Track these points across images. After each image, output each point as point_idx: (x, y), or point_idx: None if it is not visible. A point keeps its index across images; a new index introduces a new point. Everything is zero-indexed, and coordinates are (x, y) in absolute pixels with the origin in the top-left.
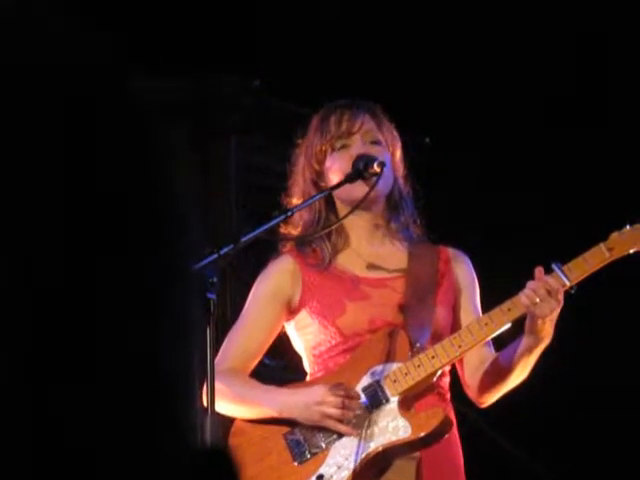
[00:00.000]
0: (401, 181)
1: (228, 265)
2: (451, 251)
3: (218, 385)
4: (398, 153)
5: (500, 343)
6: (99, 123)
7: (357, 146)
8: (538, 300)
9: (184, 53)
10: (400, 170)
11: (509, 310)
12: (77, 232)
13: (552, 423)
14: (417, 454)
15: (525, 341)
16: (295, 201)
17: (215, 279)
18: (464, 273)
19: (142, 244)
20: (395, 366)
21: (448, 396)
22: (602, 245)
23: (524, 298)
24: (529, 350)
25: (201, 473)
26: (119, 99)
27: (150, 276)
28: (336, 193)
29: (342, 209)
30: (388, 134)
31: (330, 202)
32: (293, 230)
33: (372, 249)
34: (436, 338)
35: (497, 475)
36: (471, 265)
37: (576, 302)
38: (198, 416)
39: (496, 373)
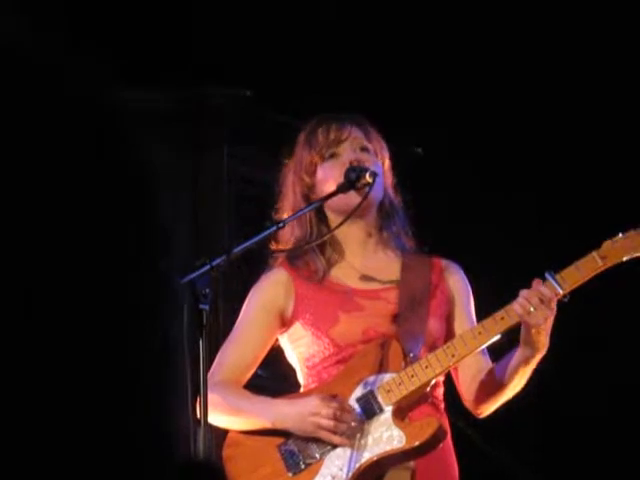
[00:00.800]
0: (390, 190)
1: (220, 276)
2: (444, 262)
3: (212, 397)
4: (387, 162)
5: (497, 352)
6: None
7: (347, 153)
8: (532, 309)
9: (175, 64)
10: (389, 179)
11: (502, 319)
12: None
13: (547, 431)
14: (412, 464)
15: (520, 352)
16: (285, 216)
17: (208, 290)
18: (457, 284)
19: (125, 259)
20: (389, 376)
21: (442, 406)
22: (595, 253)
23: (517, 307)
24: (525, 361)
25: None
26: (101, 112)
27: (134, 291)
28: (328, 204)
29: (334, 219)
30: (376, 143)
31: (321, 214)
32: (284, 246)
33: (365, 260)
34: (430, 348)
35: None
36: (464, 276)
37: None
38: (188, 428)
39: (492, 384)
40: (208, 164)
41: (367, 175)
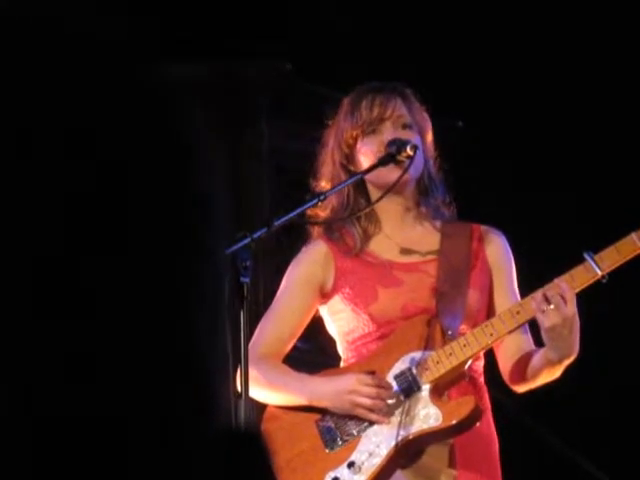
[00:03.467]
0: (432, 164)
1: (261, 249)
2: (484, 228)
3: (251, 371)
4: (429, 136)
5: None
6: (119, 108)
7: (389, 132)
8: (546, 307)
9: (217, 37)
10: (431, 153)
11: None
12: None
13: (590, 411)
14: (450, 440)
15: (544, 354)
16: (323, 184)
17: (248, 263)
18: (497, 252)
19: (167, 228)
20: (427, 354)
21: (482, 380)
22: (634, 234)
23: (533, 303)
24: (550, 364)
25: (231, 454)
26: (139, 83)
27: (177, 259)
28: (367, 177)
29: (374, 193)
30: (419, 117)
31: (360, 186)
32: (321, 213)
33: (404, 233)
34: (470, 323)
35: (534, 463)
36: (506, 243)
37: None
38: (231, 400)
39: (526, 369)
40: (248, 137)
41: (408, 148)
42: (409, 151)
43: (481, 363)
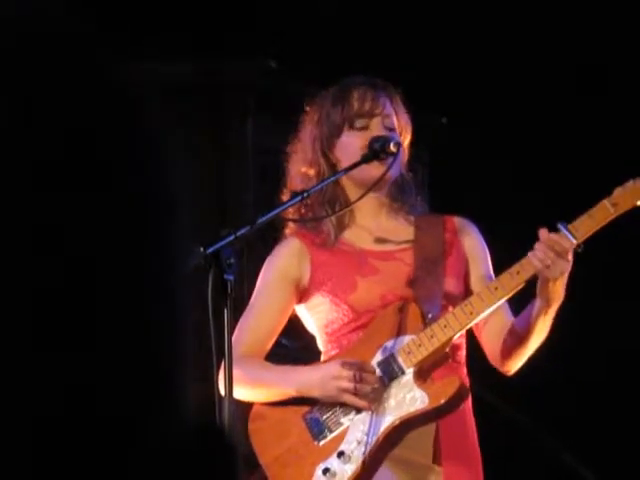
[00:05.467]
0: (406, 166)
1: (245, 246)
2: (457, 220)
3: (234, 371)
4: (407, 141)
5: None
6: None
7: (378, 129)
8: (549, 262)
9: (200, 36)
10: (406, 156)
11: (518, 273)
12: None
13: (566, 395)
14: (434, 425)
15: (538, 304)
16: (304, 169)
17: (232, 260)
18: (472, 241)
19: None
20: (408, 338)
21: (464, 369)
22: (606, 201)
23: (535, 261)
24: (544, 312)
25: (195, 452)
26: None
27: (138, 260)
28: (349, 173)
29: (350, 187)
30: (403, 120)
31: (337, 182)
32: (298, 212)
33: (378, 224)
34: (448, 308)
35: (513, 452)
36: (479, 232)
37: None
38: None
39: (515, 340)
40: (233, 135)
41: (392, 145)
42: (392, 148)
43: (463, 352)
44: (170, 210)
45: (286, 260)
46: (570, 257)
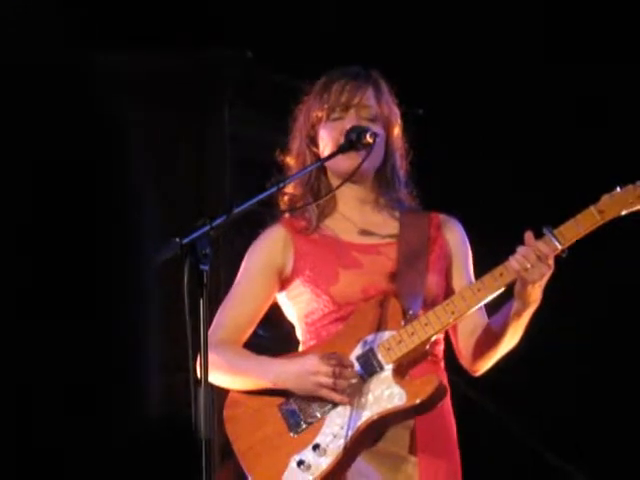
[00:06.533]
0: (397, 159)
1: (221, 236)
2: (442, 217)
3: (211, 356)
4: (396, 130)
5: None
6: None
7: (350, 120)
8: (529, 266)
9: (176, 25)
10: (397, 146)
11: (501, 275)
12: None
13: (545, 392)
14: (411, 422)
15: (515, 306)
16: (289, 160)
17: (208, 250)
18: (455, 238)
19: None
20: (388, 334)
21: (442, 364)
22: (593, 208)
23: (514, 263)
24: (518, 314)
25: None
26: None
27: (103, 247)
28: (327, 164)
29: (333, 178)
30: (387, 110)
31: (321, 169)
32: (285, 188)
33: (362, 217)
34: (429, 305)
35: (489, 444)
36: (463, 230)
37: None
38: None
39: (488, 339)
40: (210, 126)
41: (368, 135)
42: (369, 138)
43: (441, 347)
44: (139, 200)
45: (270, 247)
46: (551, 262)
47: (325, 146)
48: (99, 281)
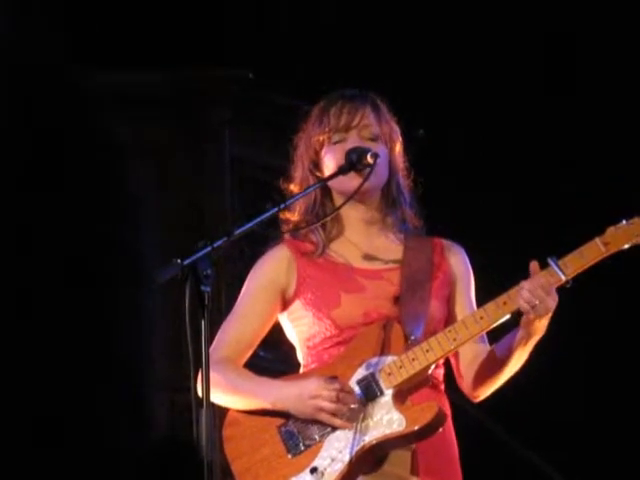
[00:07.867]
0: (400, 176)
1: (222, 258)
2: (446, 243)
3: (212, 375)
4: (397, 148)
5: (496, 335)
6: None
7: (352, 141)
8: (537, 302)
9: (176, 46)
10: (399, 165)
11: (504, 304)
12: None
13: (549, 415)
14: (412, 445)
15: (520, 334)
16: (292, 187)
17: (209, 271)
18: (459, 265)
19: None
20: (390, 359)
21: (442, 387)
22: (598, 239)
23: (522, 302)
24: (523, 343)
25: (163, 466)
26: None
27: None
28: (331, 184)
29: (338, 199)
30: (387, 128)
31: (326, 191)
32: (291, 215)
33: (367, 240)
34: (430, 331)
35: (494, 466)
36: (466, 257)
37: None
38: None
39: (490, 366)
40: (210, 147)
41: (368, 156)
42: (369, 159)
43: (441, 371)
44: (138, 220)
45: (274, 267)
46: (555, 296)
47: (328, 170)
48: (102, 304)
